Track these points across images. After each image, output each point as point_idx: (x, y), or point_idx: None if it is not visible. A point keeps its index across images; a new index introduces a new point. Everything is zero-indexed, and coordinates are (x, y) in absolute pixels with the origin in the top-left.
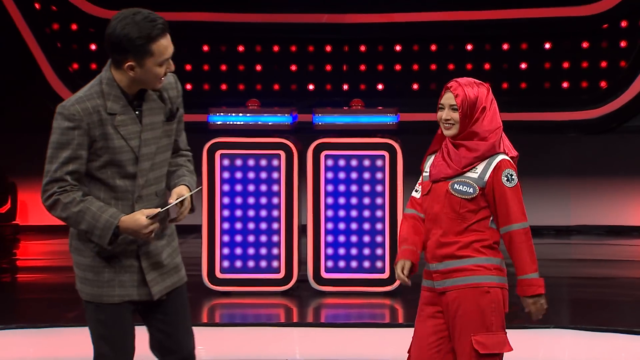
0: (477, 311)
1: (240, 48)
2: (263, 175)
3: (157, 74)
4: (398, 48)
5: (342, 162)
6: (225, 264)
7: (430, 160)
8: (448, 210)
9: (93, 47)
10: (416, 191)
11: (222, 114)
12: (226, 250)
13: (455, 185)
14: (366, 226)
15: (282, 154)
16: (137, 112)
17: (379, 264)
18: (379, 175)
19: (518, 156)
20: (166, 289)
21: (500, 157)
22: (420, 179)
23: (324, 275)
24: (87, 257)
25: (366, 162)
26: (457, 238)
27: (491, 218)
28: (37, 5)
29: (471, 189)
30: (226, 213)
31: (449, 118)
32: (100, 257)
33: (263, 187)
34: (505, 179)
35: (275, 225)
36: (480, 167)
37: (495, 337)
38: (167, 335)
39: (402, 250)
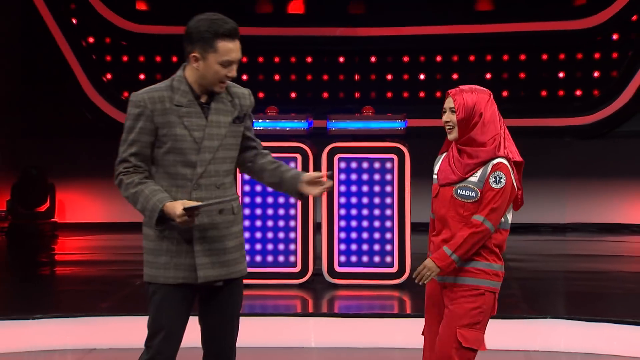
0: (469, 309)
1: (260, 59)
2: None
3: (217, 72)
4: (406, 59)
5: (354, 165)
6: (247, 258)
7: (439, 162)
8: (453, 214)
9: (125, 58)
10: None
11: None
12: (247, 246)
13: (459, 190)
14: (376, 224)
15: (299, 157)
16: (204, 109)
17: (388, 258)
18: (388, 177)
19: (523, 163)
20: (214, 277)
21: (497, 160)
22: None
23: (337, 269)
24: (150, 242)
25: (376, 165)
26: None
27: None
28: (74, 20)
29: (473, 192)
30: (247, 212)
31: (448, 120)
32: (161, 241)
33: None
34: (493, 179)
35: (292, 223)
36: (479, 171)
37: (477, 334)
38: (204, 329)
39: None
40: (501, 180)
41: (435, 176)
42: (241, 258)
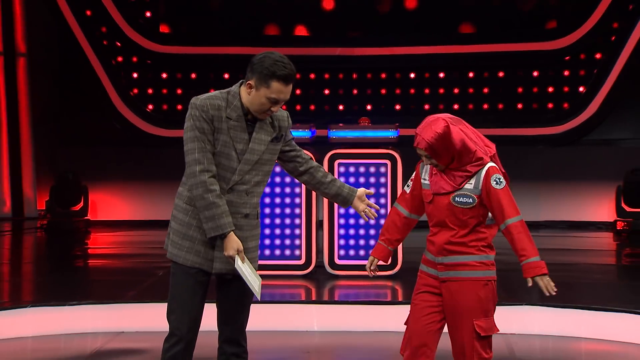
0: (478, 300)
1: None
2: (287, 179)
3: (263, 104)
4: (398, 75)
5: (352, 169)
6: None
7: (425, 168)
8: (452, 218)
9: (149, 75)
10: (407, 186)
11: None
12: None
13: (457, 198)
14: (372, 222)
15: None
16: (248, 125)
17: None
18: (382, 180)
19: (495, 145)
20: (226, 271)
21: (487, 166)
22: (413, 175)
23: (337, 261)
24: (180, 225)
25: (372, 169)
26: (462, 239)
27: (487, 217)
28: (104, 42)
29: (470, 199)
30: None
31: (430, 164)
32: (189, 228)
33: (287, 190)
34: (495, 182)
35: (297, 221)
36: (473, 179)
37: (491, 321)
38: (219, 313)
39: (376, 245)
40: (501, 180)
41: (425, 182)
42: (256, 257)
